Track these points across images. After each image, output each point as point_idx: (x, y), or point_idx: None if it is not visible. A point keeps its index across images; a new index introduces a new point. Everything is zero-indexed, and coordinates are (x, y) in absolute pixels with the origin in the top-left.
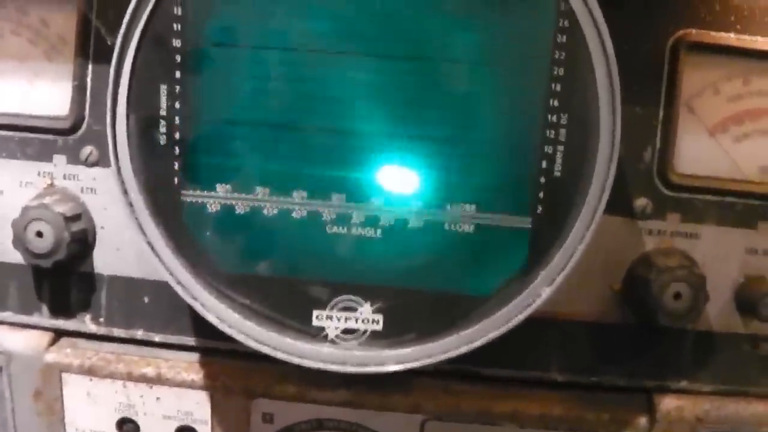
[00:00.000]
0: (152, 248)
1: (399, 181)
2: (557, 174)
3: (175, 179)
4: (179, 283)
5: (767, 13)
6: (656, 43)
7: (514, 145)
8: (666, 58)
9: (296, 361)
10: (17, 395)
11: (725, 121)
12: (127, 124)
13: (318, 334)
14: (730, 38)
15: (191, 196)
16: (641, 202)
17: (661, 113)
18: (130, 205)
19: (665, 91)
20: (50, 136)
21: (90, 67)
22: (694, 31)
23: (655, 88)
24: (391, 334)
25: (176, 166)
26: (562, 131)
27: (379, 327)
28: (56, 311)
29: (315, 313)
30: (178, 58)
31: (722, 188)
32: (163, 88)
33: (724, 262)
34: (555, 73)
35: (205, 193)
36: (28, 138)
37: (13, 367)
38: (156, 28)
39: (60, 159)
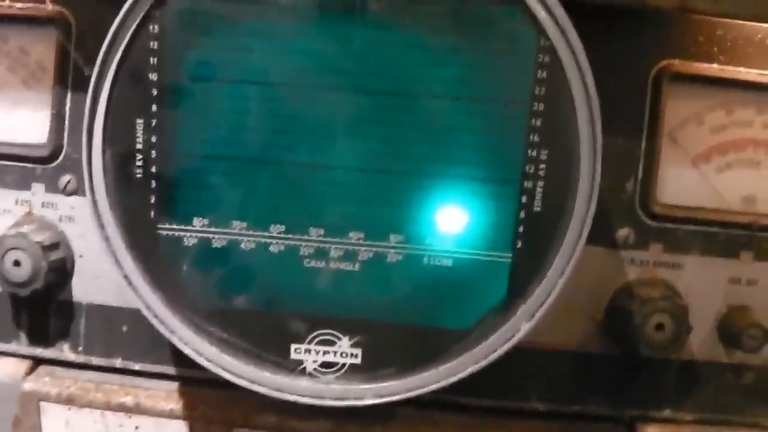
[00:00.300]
0: (129, 282)
1: (377, 216)
2: (537, 209)
3: (152, 213)
4: (156, 316)
5: (750, 44)
6: (639, 74)
7: (494, 179)
8: (649, 89)
9: (274, 394)
10: None
11: (708, 152)
12: (103, 158)
13: (296, 368)
14: (713, 69)
15: (168, 229)
16: (624, 232)
17: (643, 144)
18: (107, 238)
19: (648, 121)
20: (28, 165)
21: (69, 96)
22: (677, 61)
23: (638, 119)
24: (369, 368)
25: (152, 200)
26: (543, 166)
27: (357, 361)
28: (34, 339)
29: (293, 346)
30: (155, 91)
31: (705, 218)
32: (140, 122)
33: (707, 292)
34: (535, 108)
35: (182, 226)
36: (6, 166)
37: None
38: (132, 62)
39: (38, 187)
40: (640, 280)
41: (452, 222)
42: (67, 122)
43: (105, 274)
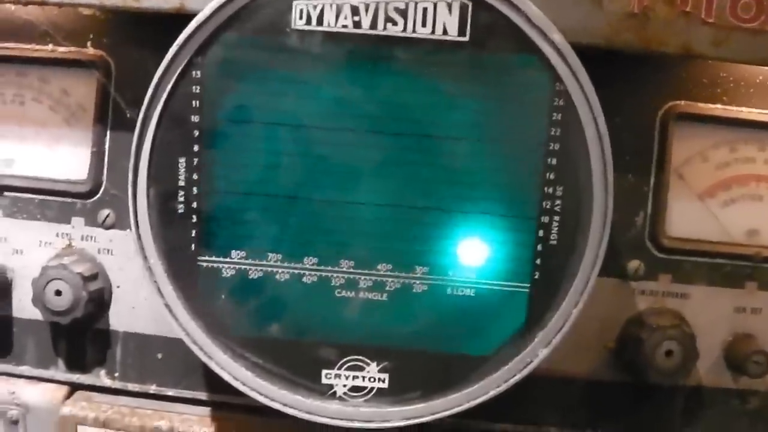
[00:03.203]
0: (170, 310)
1: (404, 249)
2: (553, 242)
3: (192, 246)
4: (195, 343)
5: (752, 85)
6: (647, 114)
7: (512, 215)
8: (656, 128)
9: (306, 417)
10: None
11: (713, 187)
12: (148, 195)
13: (327, 392)
14: (717, 109)
15: (207, 261)
16: (634, 265)
17: (652, 180)
18: (149, 269)
19: (656, 159)
20: (69, 199)
21: (108, 134)
22: (683, 102)
23: (647, 157)
24: (396, 392)
25: (193, 234)
26: (558, 202)
27: (384, 385)
28: (72, 366)
29: (324, 372)
30: (197, 133)
31: (711, 250)
32: (182, 161)
33: (714, 320)
34: (551, 148)
35: (221, 258)
36: (48, 200)
37: (30, 419)
38: (175, 105)
39: (78, 221)
40: (650, 309)
41: (474, 254)
42: (106, 159)
43: (141, 303)
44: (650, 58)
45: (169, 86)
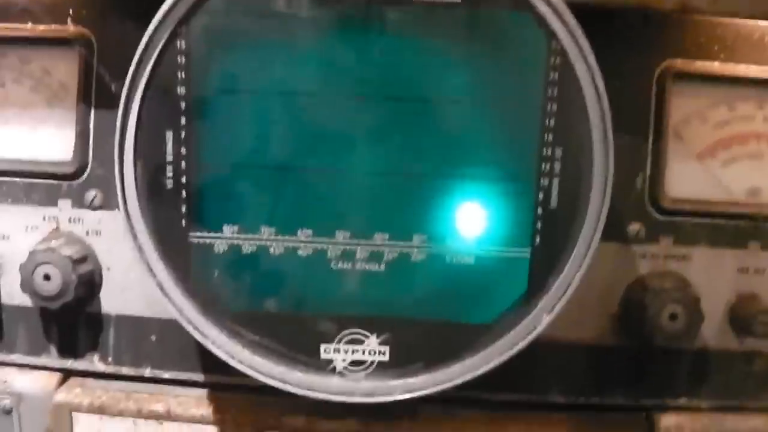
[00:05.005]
0: (162, 289)
1: (401, 217)
2: (554, 205)
3: (183, 222)
4: (190, 322)
5: (749, 42)
6: (643, 74)
7: (511, 178)
8: (653, 88)
9: (306, 393)
10: None
11: (713, 147)
12: (135, 171)
13: (326, 367)
14: (715, 66)
15: (199, 237)
16: (634, 228)
17: (650, 141)
18: (140, 248)
19: (654, 119)
20: (54, 181)
21: (92, 112)
22: (679, 61)
23: (644, 118)
24: (397, 365)
25: (183, 209)
26: (557, 164)
27: (385, 358)
28: (65, 352)
29: (323, 346)
30: (183, 105)
31: (712, 211)
32: (169, 135)
33: (717, 282)
34: (548, 108)
35: (213, 234)
36: (33, 183)
37: (23, 408)
38: (160, 77)
39: (65, 203)
40: (652, 273)
41: (473, 221)
42: (91, 138)
43: (132, 285)
44: (645, 15)
45: (153, 58)
